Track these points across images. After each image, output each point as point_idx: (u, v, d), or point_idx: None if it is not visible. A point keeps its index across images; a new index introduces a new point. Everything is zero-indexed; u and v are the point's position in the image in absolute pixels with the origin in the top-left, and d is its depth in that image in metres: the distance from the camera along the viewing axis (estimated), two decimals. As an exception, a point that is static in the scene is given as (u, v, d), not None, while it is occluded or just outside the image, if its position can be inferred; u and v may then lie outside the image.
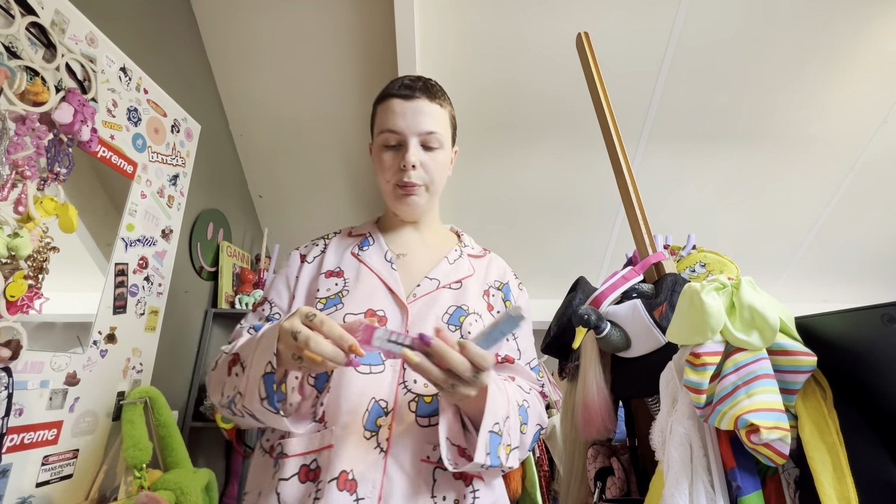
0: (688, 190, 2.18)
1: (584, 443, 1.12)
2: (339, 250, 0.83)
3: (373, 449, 0.64)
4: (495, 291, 0.84)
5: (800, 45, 1.75)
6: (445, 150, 0.80)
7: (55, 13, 1.13)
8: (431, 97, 0.77)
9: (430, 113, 0.77)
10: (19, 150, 1.00)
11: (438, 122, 0.78)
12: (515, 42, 1.77)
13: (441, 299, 0.76)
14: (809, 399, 0.59)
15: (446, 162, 0.81)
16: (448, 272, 0.80)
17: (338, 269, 0.79)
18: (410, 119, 0.76)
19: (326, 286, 0.77)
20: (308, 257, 0.83)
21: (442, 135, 0.78)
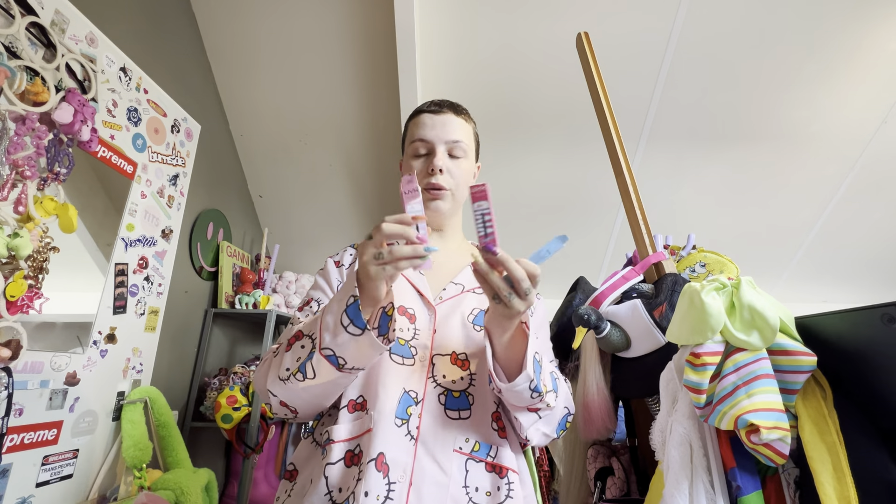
0: (688, 190, 2.18)
1: (584, 443, 1.12)
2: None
3: (404, 436, 0.67)
4: None
5: (800, 46, 1.75)
6: (469, 160, 0.87)
7: (55, 13, 1.13)
8: (457, 112, 0.87)
9: (457, 124, 0.85)
10: (19, 150, 1.00)
11: (464, 133, 0.86)
12: (515, 42, 1.77)
13: (465, 302, 0.81)
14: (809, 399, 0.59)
15: (470, 172, 0.88)
16: (471, 278, 0.85)
17: None
18: (439, 129, 0.84)
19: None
20: (343, 262, 0.88)
21: (467, 145, 0.86)
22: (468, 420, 0.71)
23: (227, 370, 1.87)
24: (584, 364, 1.00)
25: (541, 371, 0.66)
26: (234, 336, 2.09)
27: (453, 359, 0.76)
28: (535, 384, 0.64)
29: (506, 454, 0.70)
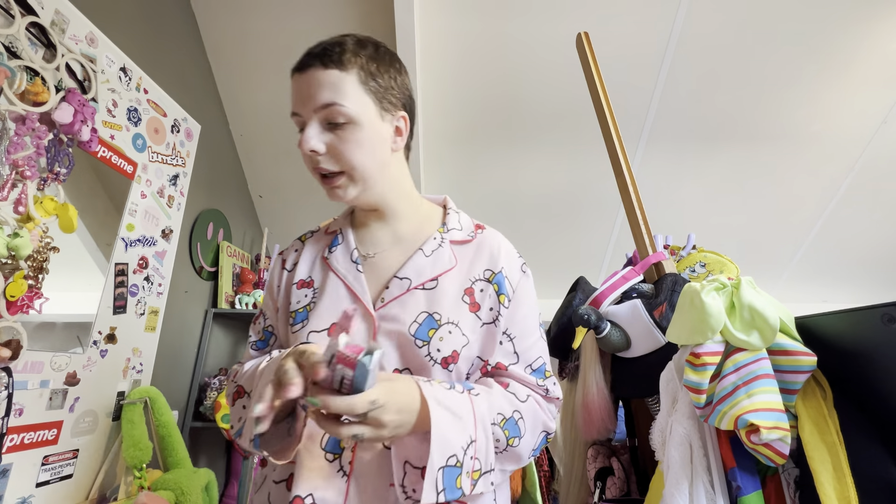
0: (688, 190, 2.18)
1: (584, 443, 1.12)
2: (312, 254, 0.76)
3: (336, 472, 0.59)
4: (484, 285, 0.70)
5: (800, 46, 1.75)
6: (363, 125, 0.64)
7: (55, 13, 1.13)
8: (328, 62, 0.63)
9: (326, 82, 0.62)
10: (19, 150, 1.00)
11: (339, 90, 0.62)
12: (515, 42, 1.77)
13: (411, 304, 0.66)
14: (809, 399, 0.59)
15: (370, 138, 0.65)
16: (422, 268, 0.69)
17: (309, 278, 0.73)
18: (305, 94, 0.64)
19: (297, 298, 0.71)
20: (287, 263, 0.77)
21: (348, 106, 0.62)
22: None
23: (228, 370, 1.87)
24: (584, 364, 1.00)
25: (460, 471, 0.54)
26: (234, 336, 2.09)
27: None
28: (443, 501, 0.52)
29: None
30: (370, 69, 0.66)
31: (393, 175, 0.71)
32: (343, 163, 0.65)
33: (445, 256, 0.70)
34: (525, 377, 0.69)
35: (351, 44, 0.65)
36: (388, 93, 0.68)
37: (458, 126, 2.00)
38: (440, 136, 2.02)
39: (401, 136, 0.71)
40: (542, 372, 0.71)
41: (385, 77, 0.67)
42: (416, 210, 0.76)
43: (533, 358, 0.71)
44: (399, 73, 0.70)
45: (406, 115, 0.71)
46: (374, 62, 0.66)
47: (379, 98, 0.66)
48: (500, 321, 0.68)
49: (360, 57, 0.65)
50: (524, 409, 0.65)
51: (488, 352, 0.68)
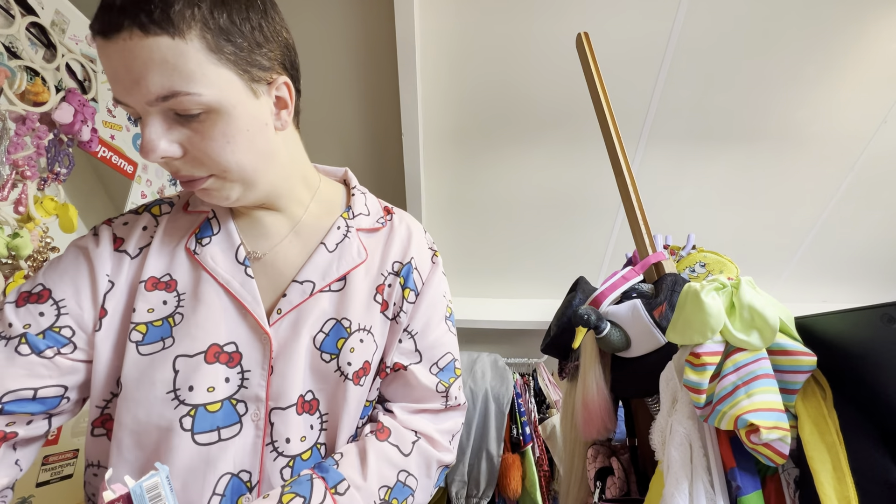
0: (688, 190, 2.18)
1: (584, 443, 1.11)
2: (168, 242, 0.53)
3: None
4: (393, 279, 0.59)
5: (800, 46, 1.75)
6: (228, 113, 0.45)
7: (55, 13, 1.13)
8: (146, 24, 0.39)
9: (154, 59, 0.40)
10: (19, 150, 1.00)
11: (177, 69, 0.41)
12: (515, 42, 1.77)
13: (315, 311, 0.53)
14: (809, 399, 0.59)
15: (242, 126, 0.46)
16: (327, 266, 0.55)
17: (166, 276, 0.51)
18: (125, 78, 0.41)
19: (148, 305, 0.50)
20: (129, 245, 0.52)
21: (201, 94, 0.42)
22: None
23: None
24: (584, 364, 1.00)
25: None
26: (234, 336, 2.08)
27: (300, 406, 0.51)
28: None
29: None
30: (220, 24, 0.42)
31: (284, 160, 0.53)
32: (211, 164, 0.46)
33: (353, 249, 0.58)
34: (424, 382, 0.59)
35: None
36: (256, 53, 0.46)
37: (458, 126, 2.00)
38: (440, 136, 2.02)
39: (286, 109, 0.52)
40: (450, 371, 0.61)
41: (246, 30, 0.45)
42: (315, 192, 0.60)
43: (439, 355, 0.61)
44: (265, 16, 0.47)
45: (288, 80, 0.51)
46: (222, 10, 0.42)
47: (243, 67, 0.45)
48: (402, 318, 0.59)
49: (197, 7, 0.41)
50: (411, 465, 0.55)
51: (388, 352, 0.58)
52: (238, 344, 0.50)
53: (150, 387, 0.47)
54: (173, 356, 0.48)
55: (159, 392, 0.47)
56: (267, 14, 0.48)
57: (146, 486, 0.35)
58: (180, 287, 0.51)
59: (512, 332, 2.54)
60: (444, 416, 0.60)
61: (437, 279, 0.63)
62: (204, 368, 0.48)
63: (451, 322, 0.65)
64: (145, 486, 0.35)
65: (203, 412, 0.47)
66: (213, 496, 0.46)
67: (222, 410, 0.48)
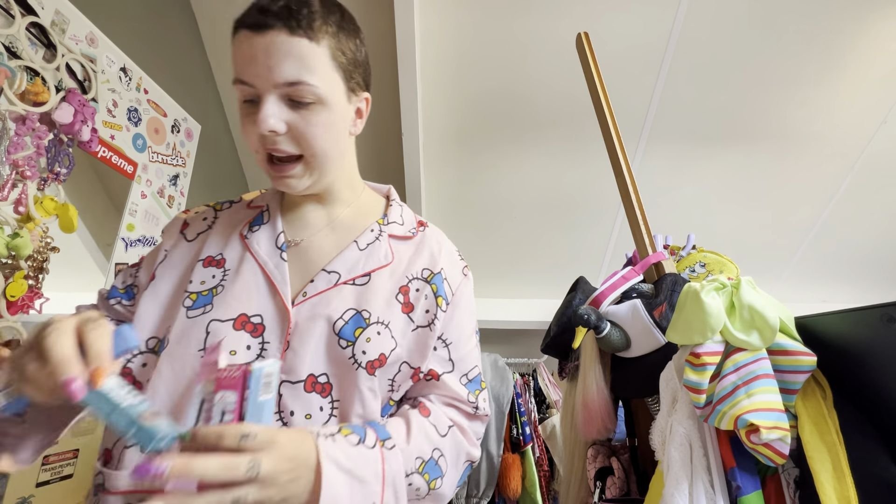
0: (688, 190, 2.18)
1: (584, 443, 1.12)
2: (228, 229, 0.64)
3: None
4: (421, 285, 0.64)
5: (800, 46, 1.75)
6: (330, 106, 0.56)
7: (55, 13, 1.13)
8: (293, 27, 0.52)
9: (292, 53, 0.52)
10: (19, 150, 1.00)
11: (308, 66, 0.53)
12: (515, 42, 1.77)
13: (337, 300, 0.58)
14: (809, 399, 0.59)
15: (335, 121, 0.58)
16: (355, 262, 0.61)
17: (220, 255, 0.61)
18: (262, 63, 0.52)
19: (201, 277, 0.59)
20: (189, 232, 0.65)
21: (318, 86, 0.54)
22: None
23: (227, 370, 1.87)
24: (584, 364, 1.00)
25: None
26: (234, 336, 2.09)
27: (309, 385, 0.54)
28: None
29: None
30: (340, 40, 0.57)
31: (345, 161, 0.65)
32: (305, 146, 0.56)
33: (381, 251, 0.64)
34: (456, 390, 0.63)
35: (318, 5, 0.55)
36: (356, 70, 0.60)
37: (458, 126, 2.00)
38: (440, 137, 2.02)
39: (361, 119, 0.64)
40: (477, 383, 0.66)
41: (352, 51, 0.59)
42: (357, 197, 0.69)
43: (469, 367, 0.66)
44: (363, 46, 0.62)
45: (369, 97, 0.64)
46: (343, 32, 0.57)
47: (347, 76, 0.58)
48: (436, 325, 0.62)
49: (330, 24, 0.55)
50: (445, 446, 0.60)
51: (419, 358, 0.62)
52: (263, 317, 0.56)
53: (187, 344, 0.55)
54: (209, 320, 0.56)
55: (192, 349, 0.54)
56: (364, 46, 0.63)
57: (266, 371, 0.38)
58: (227, 265, 0.60)
59: (512, 332, 2.54)
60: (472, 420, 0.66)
61: (469, 294, 0.69)
62: (231, 333, 0.55)
63: (477, 336, 0.71)
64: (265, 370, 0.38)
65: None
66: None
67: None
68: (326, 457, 0.46)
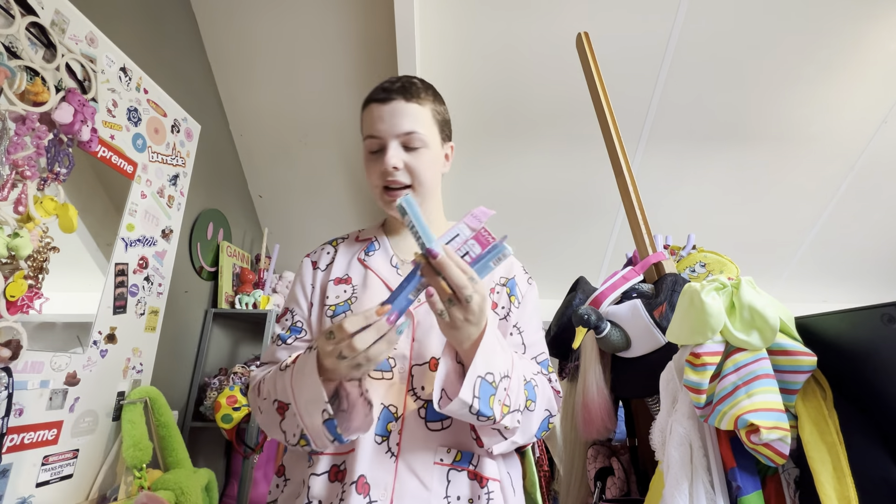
0: (688, 190, 2.17)
1: (584, 443, 1.12)
2: (347, 256, 0.85)
3: (384, 453, 0.66)
4: (500, 288, 0.82)
5: (800, 46, 1.75)
6: (432, 149, 0.79)
7: (55, 13, 1.13)
8: (409, 97, 0.77)
9: (408, 113, 0.76)
10: (19, 150, 1.00)
11: (418, 121, 0.77)
12: (515, 42, 1.77)
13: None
14: (809, 399, 0.59)
15: (435, 160, 0.80)
16: None
17: (346, 275, 0.81)
18: (388, 122, 0.76)
19: (336, 293, 0.79)
20: (320, 264, 0.85)
21: (424, 134, 0.77)
22: (449, 429, 0.69)
23: (227, 370, 1.87)
24: (584, 364, 1.00)
25: (494, 392, 0.61)
26: (234, 336, 2.09)
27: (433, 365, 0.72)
28: (477, 409, 0.59)
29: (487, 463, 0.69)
30: (436, 105, 0.81)
31: (437, 192, 0.85)
32: (415, 178, 0.77)
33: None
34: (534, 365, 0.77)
35: (421, 84, 0.80)
36: (446, 125, 0.84)
37: (459, 126, 1.99)
38: (440, 136, 2.02)
39: (448, 162, 0.86)
40: (545, 365, 0.80)
41: (442, 113, 0.83)
42: (443, 222, 0.89)
43: (538, 351, 0.80)
44: (447, 110, 0.86)
45: (453, 145, 0.87)
46: (437, 100, 0.82)
47: (441, 129, 0.82)
48: (511, 316, 0.79)
49: (430, 95, 0.80)
50: (538, 379, 0.73)
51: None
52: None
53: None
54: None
55: None
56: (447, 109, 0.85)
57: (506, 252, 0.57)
58: (354, 282, 0.80)
59: (512, 332, 2.54)
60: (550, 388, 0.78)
61: (534, 297, 0.86)
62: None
63: (543, 332, 0.85)
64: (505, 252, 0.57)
65: None
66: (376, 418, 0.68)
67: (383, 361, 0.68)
68: (491, 324, 0.62)
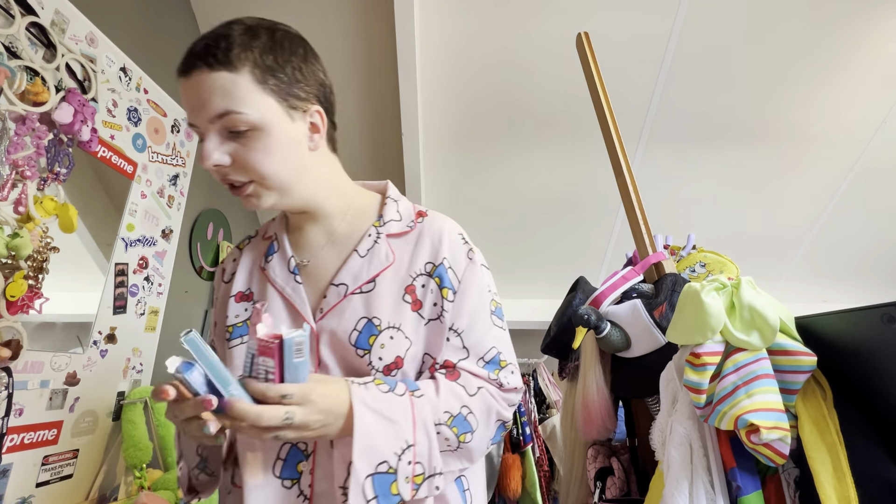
0: (688, 190, 2.17)
1: (584, 443, 1.12)
2: (249, 264, 0.71)
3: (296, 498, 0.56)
4: (426, 280, 0.64)
5: (800, 46, 1.75)
6: (270, 129, 0.57)
7: (55, 13, 1.13)
8: (213, 62, 0.54)
9: (216, 87, 0.54)
10: (19, 150, 1.00)
11: (232, 95, 0.54)
12: (515, 42, 1.77)
13: (349, 311, 0.61)
14: (809, 399, 0.59)
15: (280, 143, 0.58)
16: (359, 270, 0.64)
17: (248, 290, 0.68)
18: (194, 102, 0.56)
19: (236, 312, 0.66)
20: (226, 274, 0.72)
21: (248, 113, 0.55)
22: None
23: (227, 370, 1.87)
24: (584, 364, 1.00)
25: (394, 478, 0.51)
26: (234, 336, 2.08)
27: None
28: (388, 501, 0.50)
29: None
30: (266, 63, 0.57)
31: (317, 175, 0.65)
32: (252, 172, 0.58)
33: (382, 254, 0.65)
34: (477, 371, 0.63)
35: (238, 35, 0.55)
36: (294, 87, 0.59)
37: (459, 127, 2.00)
38: (440, 137, 2.02)
39: (319, 133, 0.64)
40: (496, 363, 0.65)
41: (287, 69, 0.58)
42: (350, 205, 0.69)
43: (485, 349, 0.65)
44: (305, 61, 0.61)
45: (321, 109, 0.63)
46: (270, 54, 0.57)
47: (283, 96, 0.58)
48: (446, 316, 0.63)
49: (251, 51, 0.56)
50: (474, 403, 0.61)
51: (436, 349, 0.63)
52: None
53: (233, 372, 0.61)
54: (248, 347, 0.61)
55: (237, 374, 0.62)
56: (307, 61, 0.62)
57: (296, 340, 0.46)
58: (255, 296, 0.66)
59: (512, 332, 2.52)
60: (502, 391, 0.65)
61: (477, 275, 0.68)
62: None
63: (497, 316, 0.69)
64: (295, 339, 0.46)
65: None
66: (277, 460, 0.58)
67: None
68: (358, 399, 0.52)
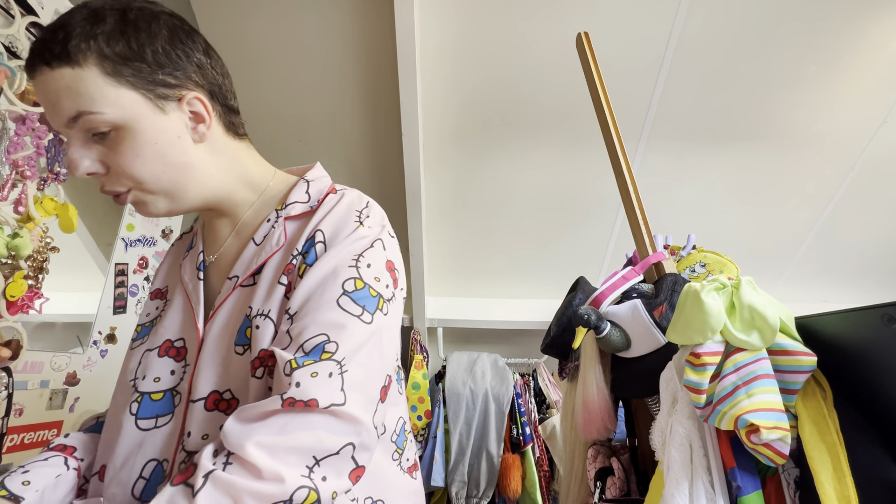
0: (688, 190, 2.17)
1: (584, 443, 1.11)
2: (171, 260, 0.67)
3: None
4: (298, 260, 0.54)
5: (800, 46, 1.75)
6: (134, 128, 0.48)
7: (55, 13, 1.13)
8: (50, 60, 0.46)
9: (60, 87, 0.46)
10: (19, 150, 1.00)
11: (80, 94, 0.46)
12: (515, 42, 1.77)
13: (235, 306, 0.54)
14: (809, 399, 0.59)
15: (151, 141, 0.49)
16: (251, 259, 0.56)
17: (164, 287, 0.63)
18: (47, 106, 0.48)
19: (147, 310, 0.62)
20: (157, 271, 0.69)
21: (103, 112, 0.47)
22: None
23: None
24: (584, 364, 1.00)
25: None
26: (234, 336, 2.08)
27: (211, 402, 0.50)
28: None
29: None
30: (116, 51, 0.47)
31: (212, 169, 0.55)
32: (126, 178, 0.50)
33: (275, 238, 0.56)
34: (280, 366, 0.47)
35: (79, 23, 0.46)
36: (160, 74, 0.49)
37: (458, 126, 2.00)
38: (440, 137, 2.02)
39: (203, 123, 0.53)
40: (316, 353, 0.46)
41: (146, 54, 0.48)
42: (261, 194, 0.61)
43: (309, 335, 0.47)
44: (171, 42, 0.50)
45: (200, 95, 0.53)
46: (119, 40, 0.47)
47: (146, 87, 0.49)
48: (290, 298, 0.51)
49: (93, 39, 0.46)
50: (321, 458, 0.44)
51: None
52: (185, 340, 0.56)
53: (124, 374, 0.58)
54: (143, 350, 0.57)
55: (126, 379, 0.57)
56: (174, 40, 0.51)
57: None
58: (168, 295, 0.62)
59: (512, 332, 2.53)
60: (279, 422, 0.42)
61: (345, 247, 0.53)
62: (156, 361, 0.55)
63: (354, 297, 0.50)
64: None
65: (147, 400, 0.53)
66: (139, 479, 0.50)
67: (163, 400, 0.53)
68: None
